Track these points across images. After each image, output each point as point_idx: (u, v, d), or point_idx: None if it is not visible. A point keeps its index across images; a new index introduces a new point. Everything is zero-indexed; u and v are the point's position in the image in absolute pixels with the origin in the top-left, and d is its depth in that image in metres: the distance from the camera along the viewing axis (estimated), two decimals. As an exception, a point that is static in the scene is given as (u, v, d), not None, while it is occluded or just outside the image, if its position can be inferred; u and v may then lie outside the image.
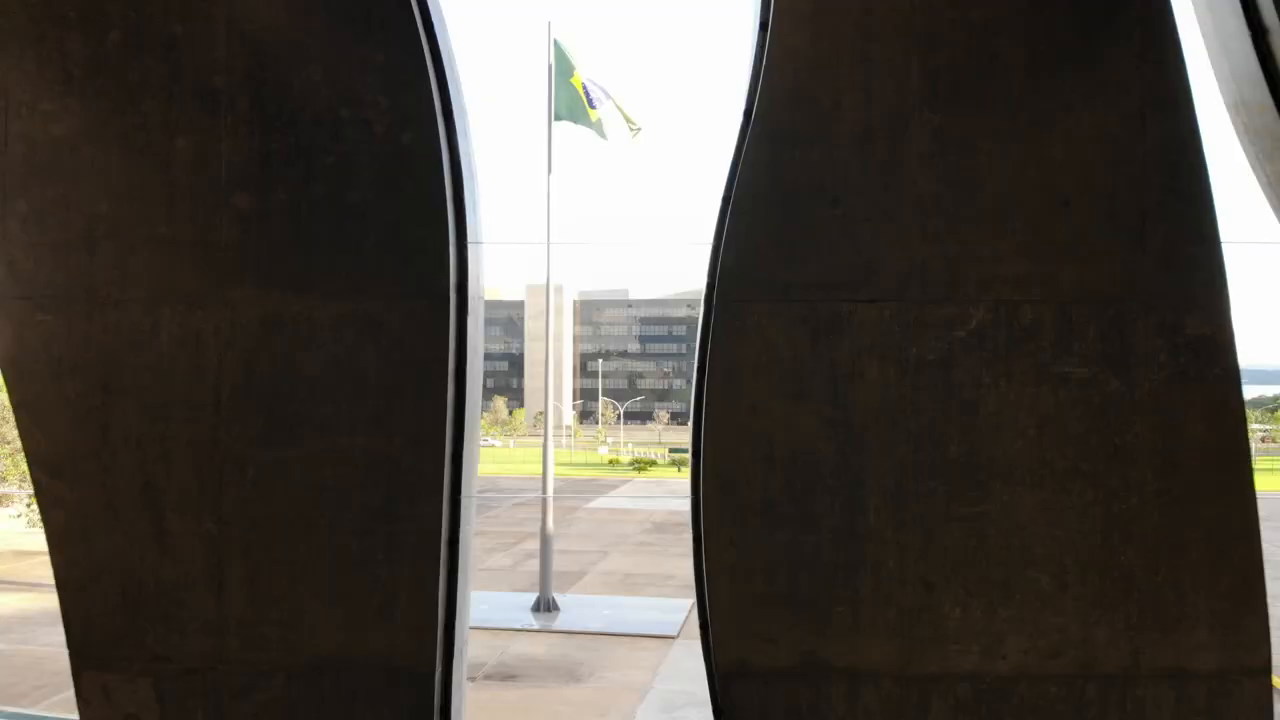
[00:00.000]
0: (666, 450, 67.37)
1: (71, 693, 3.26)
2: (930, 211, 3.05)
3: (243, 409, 3.09)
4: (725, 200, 3.11)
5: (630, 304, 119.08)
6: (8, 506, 29.11)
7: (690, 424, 3.27)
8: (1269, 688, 3.24)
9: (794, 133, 3.07)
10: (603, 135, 20.72)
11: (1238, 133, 3.56)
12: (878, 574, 3.05)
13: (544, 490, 24.04)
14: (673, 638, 22.33)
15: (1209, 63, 3.61)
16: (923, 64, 3.09)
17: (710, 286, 3.16)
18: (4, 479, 30.56)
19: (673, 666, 20.80)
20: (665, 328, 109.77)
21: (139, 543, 3.12)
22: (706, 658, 3.14)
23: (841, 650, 3.07)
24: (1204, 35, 3.56)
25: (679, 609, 23.31)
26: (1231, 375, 3.10)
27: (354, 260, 3.07)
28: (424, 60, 3.01)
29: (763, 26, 3.09)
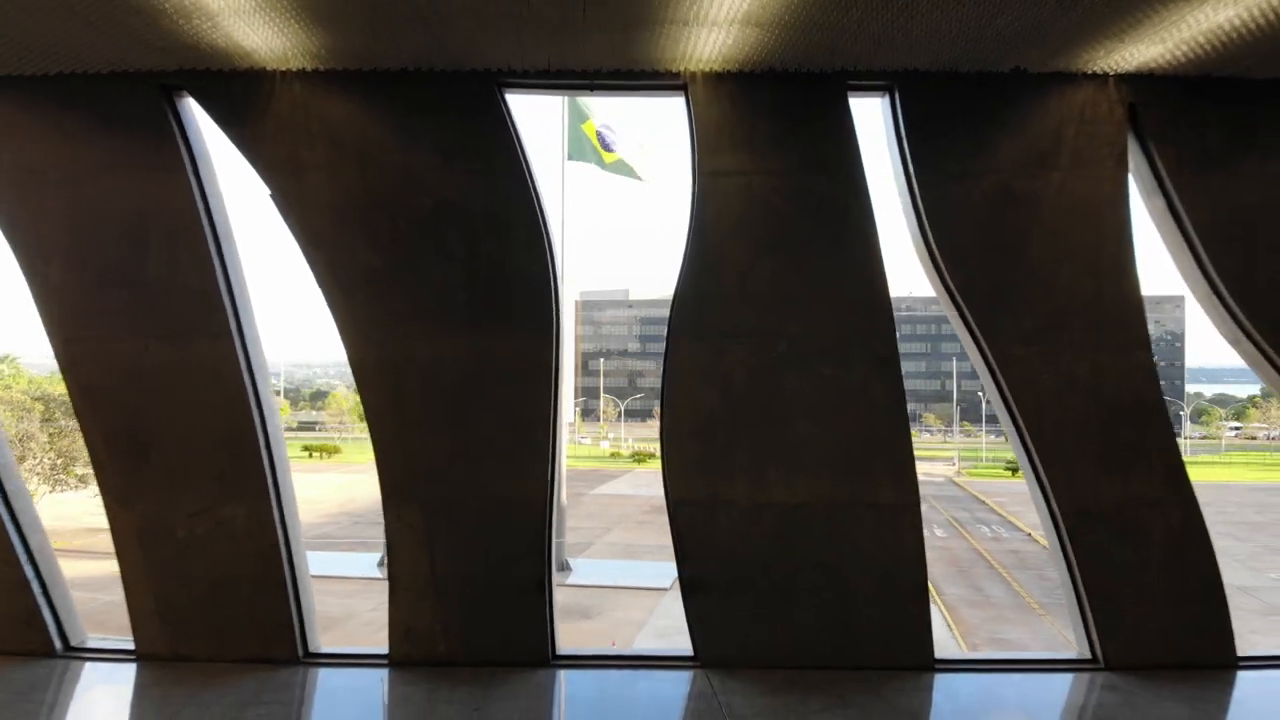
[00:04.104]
0: (665, 445, 70.78)
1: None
2: (765, 302, 7.10)
3: (463, 386, 7.15)
4: (674, 295, 7.14)
5: (630, 304, 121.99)
6: (88, 486, 33.12)
7: (660, 400, 7.28)
8: (919, 513, 7.24)
9: (705, 269, 7.12)
10: (631, 175, 25.33)
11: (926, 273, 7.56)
12: (742, 459, 7.09)
13: (559, 468, 28.16)
14: (665, 589, 26.39)
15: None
16: (764, 237, 7.14)
17: (669, 330, 7.20)
18: (74, 460, 34.81)
19: (665, 609, 24.91)
20: (664, 327, 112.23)
21: (415, 446, 7.20)
22: (666, 497, 7.17)
23: (724, 491, 7.13)
24: (904, 215, 7.55)
25: (672, 569, 27.27)
26: (896, 370, 7.12)
27: (511, 318, 7.13)
28: (541, 238, 7.05)
29: (691, 220, 7.11)
